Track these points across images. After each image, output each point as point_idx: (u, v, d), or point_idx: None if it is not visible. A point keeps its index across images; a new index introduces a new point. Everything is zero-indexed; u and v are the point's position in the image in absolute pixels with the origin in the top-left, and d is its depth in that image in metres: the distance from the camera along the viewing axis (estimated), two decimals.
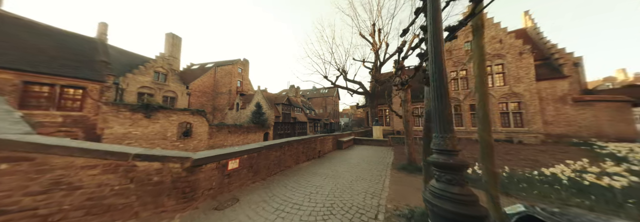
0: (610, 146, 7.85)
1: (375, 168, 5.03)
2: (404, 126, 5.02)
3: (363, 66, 16.90)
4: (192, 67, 26.18)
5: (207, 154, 3.12)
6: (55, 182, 2.11)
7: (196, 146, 11.47)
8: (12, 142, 1.99)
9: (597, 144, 9.06)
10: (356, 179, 4.05)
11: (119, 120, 8.62)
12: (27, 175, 2.01)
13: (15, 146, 1.99)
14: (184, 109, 11.01)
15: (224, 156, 3.31)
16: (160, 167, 2.63)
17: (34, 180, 2.03)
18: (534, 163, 5.43)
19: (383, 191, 3.32)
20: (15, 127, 2.40)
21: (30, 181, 2.01)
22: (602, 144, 8.90)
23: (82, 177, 2.23)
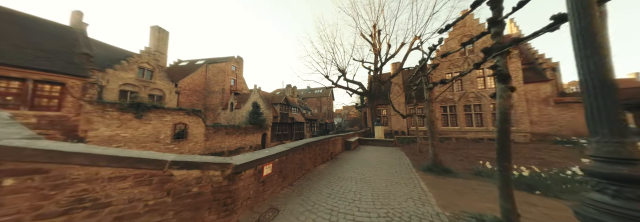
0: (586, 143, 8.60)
1: (399, 170, 4.93)
2: (428, 126, 4.99)
3: (362, 66, 17.00)
4: (180, 64, 24.51)
5: (245, 159, 2.76)
6: (77, 199, 1.66)
7: (192, 148, 10.64)
8: (19, 150, 1.53)
9: (580, 142, 9.97)
10: (390, 183, 3.87)
11: (105, 121, 7.65)
12: (41, 192, 1.55)
13: (24, 155, 1.53)
14: (178, 108, 10.14)
15: (260, 160, 2.97)
16: (199, 176, 2.24)
17: (50, 198, 1.57)
18: (543, 161, 5.70)
19: (427, 196, 3.16)
20: (9, 130, 1.88)
21: (45, 200, 1.56)
22: (583, 142, 9.82)
23: (109, 191, 1.79)
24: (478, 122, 15.20)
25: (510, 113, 2.35)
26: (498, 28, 2.38)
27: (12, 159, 1.48)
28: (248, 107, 18.59)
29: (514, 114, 13.89)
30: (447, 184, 3.79)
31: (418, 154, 7.69)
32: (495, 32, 2.41)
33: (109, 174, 1.81)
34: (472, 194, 3.16)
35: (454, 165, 5.21)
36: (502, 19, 2.37)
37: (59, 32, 8.50)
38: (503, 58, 2.30)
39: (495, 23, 2.39)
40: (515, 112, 13.85)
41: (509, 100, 2.33)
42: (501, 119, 2.31)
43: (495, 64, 2.34)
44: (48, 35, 7.92)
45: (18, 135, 1.79)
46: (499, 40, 2.36)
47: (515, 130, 13.72)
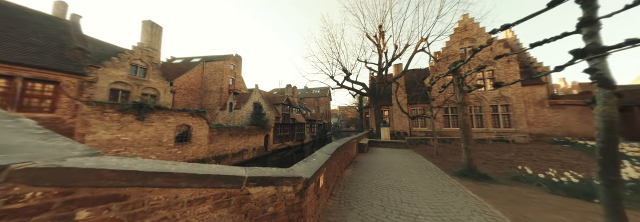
0: (589, 143, 9.24)
1: (433, 176, 4.84)
2: (462, 130, 4.95)
3: (365, 67, 17.01)
4: (174, 61, 23.25)
5: (308, 169, 2.50)
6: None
7: (195, 151, 10.03)
8: (94, 172, 1.21)
9: (578, 142, 10.58)
10: (436, 192, 3.69)
11: (104, 123, 6.95)
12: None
13: (101, 178, 1.21)
14: (182, 109, 9.51)
15: (319, 171, 2.72)
16: (274, 193, 1.96)
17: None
18: (562, 164, 5.87)
19: (488, 207, 3.00)
20: (58, 143, 1.53)
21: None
22: (582, 142, 10.44)
23: (190, 218, 1.49)
24: (478, 123, 15.72)
25: (615, 121, 2.21)
26: (592, 28, 2.25)
27: (86, 185, 1.16)
28: (248, 107, 17.98)
29: (513, 115, 14.53)
30: (494, 191, 3.71)
31: (435, 156, 7.72)
32: (588, 32, 2.28)
33: (188, 196, 1.50)
34: (532, 204, 3.08)
35: (483, 169, 5.23)
36: (598, 19, 2.22)
37: (49, 24, 7.65)
38: (602, 61, 2.18)
39: (588, 23, 2.26)
40: (514, 113, 14.48)
41: (613, 107, 2.19)
42: (606, 128, 2.21)
43: (593, 68, 2.22)
44: (37, 28, 7.08)
45: (73, 150, 1.44)
46: (595, 41, 2.24)
47: (513, 131, 14.36)
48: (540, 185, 3.83)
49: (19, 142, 1.38)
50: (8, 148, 1.21)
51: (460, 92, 5.05)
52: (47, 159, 1.17)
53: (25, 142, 1.40)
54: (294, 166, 2.70)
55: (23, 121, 1.94)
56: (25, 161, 1.09)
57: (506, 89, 14.83)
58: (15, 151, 1.22)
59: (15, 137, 1.47)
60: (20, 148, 1.27)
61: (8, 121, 1.87)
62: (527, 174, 4.28)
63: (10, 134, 1.54)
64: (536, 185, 3.89)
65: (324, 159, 3.43)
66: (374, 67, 16.81)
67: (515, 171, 4.62)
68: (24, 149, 1.28)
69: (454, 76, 5.29)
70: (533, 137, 14.21)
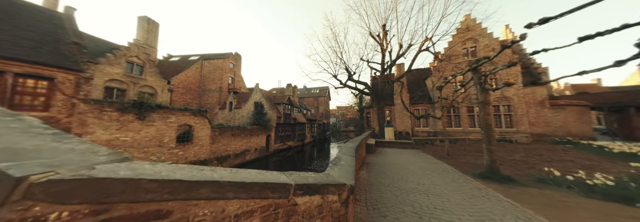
0: (594, 144, 9.31)
1: (454, 178, 4.68)
2: (485, 130, 4.81)
3: (367, 66, 16.88)
4: (171, 59, 22.61)
5: (345, 173, 2.28)
6: None
7: (197, 152, 9.66)
8: (132, 183, 0.96)
9: (581, 142, 10.70)
10: (466, 196, 3.49)
11: (103, 123, 6.54)
12: None
13: (140, 190, 0.96)
14: (184, 108, 9.13)
15: (354, 174, 2.51)
16: (320, 204, 1.73)
17: None
18: (577, 164, 5.82)
19: (526, 212, 2.80)
20: (76, 145, 1.26)
21: None
22: (584, 142, 10.56)
23: None
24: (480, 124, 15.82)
25: None
26: None
27: (123, 200, 0.91)
28: (249, 107, 17.60)
29: (515, 115, 14.66)
30: (524, 195, 3.56)
31: (446, 157, 7.61)
32: None
33: (235, 209, 1.26)
34: (572, 209, 2.93)
35: (501, 170, 5.11)
36: None
37: (42, 17, 7.18)
38: None
39: None
40: (516, 113, 14.61)
41: None
42: None
43: None
44: (30, 20, 6.61)
45: (97, 155, 1.17)
46: None
47: (515, 131, 14.48)
48: (570, 187, 3.72)
49: (30, 146, 1.11)
50: (19, 153, 0.94)
51: (482, 91, 4.92)
52: (72, 168, 0.91)
53: (36, 145, 1.13)
54: (327, 170, 2.47)
55: (26, 119, 1.65)
56: (46, 170, 0.83)
57: (508, 89, 14.96)
58: (29, 157, 0.95)
59: (23, 139, 1.20)
60: (34, 153, 1.01)
61: (9, 119, 1.58)
62: (554, 176, 4.17)
63: (17, 135, 1.26)
64: (565, 188, 3.77)
65: (351, 161, 3.21)
66: (376, 66, 16.72)
67: (539, 172, 4.51)
68: (39, 155, 1.01)
69: (475, 74, 5.17)
70: (534, 137, 14.36)
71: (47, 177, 0.79)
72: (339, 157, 3.36)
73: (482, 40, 16.28)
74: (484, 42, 16.25)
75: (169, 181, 1.03)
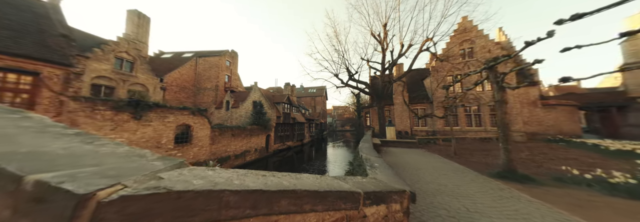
0: (588, 142, 9.77)
1: (472, 178, 4.64)
2: (502, 129, 4.82)
3: (367, 66, 16.88)
4: (163, 56, 21.57)
5: (397, 178, 2.10)
6: None
7: (196, 153, 9.19)
8: (212, 197, 0.74)
9: (574, 141, 11.21)
10: (493, 197, 3.39)
11: (95, 122, 6.00)
12: None
13: (220, 204, 0.75)
14: (182, 107, 8.64)
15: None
16: (386, 214, 1.54)
17: None
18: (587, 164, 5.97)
19: (561, 213, 2.74)
20: (103, 148, 1.01)
21: None
22: (577, 141, 11.07)
23: None
24: (477, 123, 16.24)
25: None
26: None
27: (206, 219, 0.70)
28: (247, 106, 17.11)
29: (510, 115, 15.15)
30: (549, 195, 3.52)
31: (454, 156, 7.65)
32: None
33: None
34: (603, 209, 2.91)
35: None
36: None
37: (24, 5, 6.49)
38: None
39: None
40: (511, 113, 15.10)
41: None
42: None
43: None
44: (9, 9, 5.95)
45: (148, 160, 0.92)
46: None
47: (511, 130, 14.98)
48: (590, 186, 3.76)
49: (61, 149, 0.85)
50: (56, 160, 0.70)
51: (499, 90, 4.92)
52: (136, 178, 0.69)
53: (68, 148, 0.87)
54: (370, 173, 2.27)
55: (35, 117, 1.35)
56: (112, 183, 0.61)
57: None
58: (74, 165, 0.70)
59: (47, 141, 0.92)
60: (73, 160, 0.75)
61: (15, 116, 1.28)
62: (572, 174, 4.21)
63: (35, 135, 0.98)
64: (585, 186, 3.81)
65: (383, 163, 3.05)
66: (377, 66, 16.74)
67: (551, 171, 4.56)
68: (81, 161, 0.76)
69: (491, 73, 5.16)
70: (528, 135, 14.93)
71: (116, 192, 0.56)
72: (367, 158, 3.19)
73: (478, 42, 16.70)
74: (481, 43, 16.69)
75: (250, 191, 0.81)
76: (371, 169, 2.42)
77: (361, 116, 27.34)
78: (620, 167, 5.17)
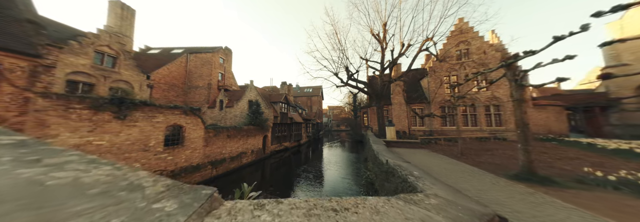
0: (583, 141, 10.11)
1: (492, 181, 4.40)
2: (521, 129, 4.64)
3: (366, 65, 16.66)
4: (149, 52, 20.15)
5: (464, 196, 1.72)
6: None
7: (189, 156, 8.46)
8: None
9: (566, 140, 11.59)
10: (529, 204, 3.07)
11: (69, 123, 5.19)
12: None
13: None
14: (173, 106, 7.88)
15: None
16: None
17: None
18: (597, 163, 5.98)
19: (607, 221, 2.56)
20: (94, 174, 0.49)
21: None
22: (570, 140, 11.46)
23: None
24: (473, 123, 16.52)
25: None
26: None
27: None
28: (242, 105, 16.34)
29: (504, 114, 15.55)
30: (582, 199, 3.32)
31: (461, 157, 7.52)
32: None
33: None
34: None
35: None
36: None
37: None
38: None
39: None
40: (505, 113, 15.48)
41: None
42: None
43: None
44: None
45: (153, 196, 0.44)
46: None
47: (503, 129, 15.36)
48: (617, 188, 3.63)
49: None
50: None
51: (518, 88, 4.74)
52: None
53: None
54: (428, 189, 1.87)
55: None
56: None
57: (498, 90, 15.80)
58: None
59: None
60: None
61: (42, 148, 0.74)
62: (596, 176, 4.09)
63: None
64: (612, 189, 3.68)
65: (420, 170, 2.68)
66: (376, 65, 16.54)
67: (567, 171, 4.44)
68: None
69: (509, 71, 4.98)
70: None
71: None
72: (398, 164, 2.81)
73: (474, 43, 16.99)
74: (476, 44, 16.98)
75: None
76: (416, 180, 2.04)
77: (358, 115, 27.22)
78: (632, 167, 5.19)
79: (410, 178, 2.04)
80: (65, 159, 0.59)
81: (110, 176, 0.54)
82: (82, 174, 0.52)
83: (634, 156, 6.34)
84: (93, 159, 0.63)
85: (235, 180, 10.07)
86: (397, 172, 2.38)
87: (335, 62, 15.92)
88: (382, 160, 3.33)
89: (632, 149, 6.96)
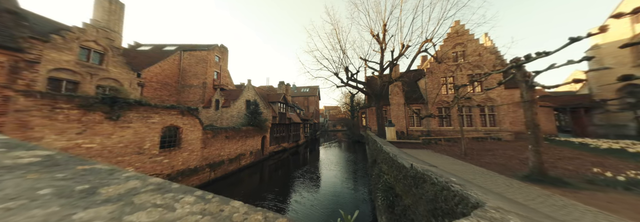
0: (575, 141, 10.57)
1: (503, 182, 4.41)
2: (532, 130, 4.68)
3: (366, 65, 16.66)
4: (140, 48, 19.16)
5: (530, 209, 1.59)
6: None
7: (186, 159, 8.02)
8: None
9: (557, 139, 12.10)
10: (552, 207, 3.07)
11: (56, 124, 4.71)
12: None
13: None
14: (170, 106, 7.43)
15: None
16: None
17: None
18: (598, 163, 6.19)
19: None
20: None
21: None
22: (561, 139, 11.96)
23: None
24: (469, 123, 16.92)
25: None
26: None
27: None
28: (240, 105, 15.86)
29: (498, 115, 16.03)
30: (600, 200, 3.34)
31: (465, 157, 7.58)
32: None
33: None
34: None
35: (526, 170, 5.07)
36: None
37: None
38: None
39: None
40: (498, 113, 15.98)
41: None
42: None
43: None
44: None
45: None
46: None
47: (498, 130, 15.84)
48: (629, 189, 3.71)
49: None
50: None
51: (528, 89, 4.78)
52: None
53: None
54: (491, 203, 1.71)
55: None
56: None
57: (492, 91, 16.28)
58: None
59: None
60: None
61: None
62: (606, 177, 4.18)
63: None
64: (623, 189, 3.76)
65: (455, 176, 2.56)
66: (375, 66, 16.58)
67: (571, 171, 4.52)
68: None
69: (519, 72, 5.02)
70: (514, 135, 15.95)
71: None
72: (427, 170, 2.68)
73: (470, 45, 17.42)
74: (472, 46, 17.42)
75: None
76: (464, 189, 1.89)
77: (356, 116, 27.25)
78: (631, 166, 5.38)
79: (454, 186, 1.90)
80: (125, 186, 0.38)
81: (206, 214, 0.34)
82: (169, 214, 0.32)
83: (628, 155, 6.63)
84: (159, 185, 0.43)
85: (234, 183, 9.68)
86: (431, 178, 2.23)
87: (335, 62, 15.82)
88: (403, 163, 3.19)
89: (624, 148, 7.29)
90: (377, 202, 3.89)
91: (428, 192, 2.20)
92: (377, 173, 4.72)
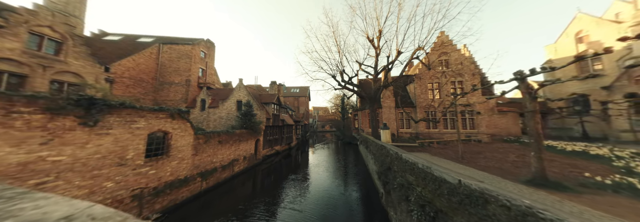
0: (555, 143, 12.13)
1: (512, 186, 4.74)
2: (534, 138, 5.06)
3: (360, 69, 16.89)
4: (106, 38, 16.55)
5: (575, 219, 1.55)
6: None
7: (176, 169, 7.05)
8: None
9: (523, 141, 13.76)
10: (566, 214, 3.48)
11: (11, 133, 3.63)
12: None
13: None
14: (158, 108, 6.44)
15: None
16: None
17: None
18: (570, 165, 7.04)
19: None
20: None
21: None
22: (526, 141, 13.64)
23: None
24: (452, 126, 18.29)
25: None
26: None
27: None
28: (229, 106, 14.75)
29: (476, 119, 17.64)
30: (599, 204, 3.71)
31: (463, 160, 8.04)
32: None
33: None
34: None
35: (518, 173, 5.56)
36: None
37: None
38: None
39: None
40: (477, 117, 17.60)
41: None
42: None
43: None
44: None
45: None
46: None
47: (476, 132, 17.43)
48: (617, 192, 4.22)
49: None
50: None
51: (531, 100, 5.19)
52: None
53: None
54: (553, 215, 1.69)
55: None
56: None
57: (471, 97, 17.88)
58: None
59: None
60: None
61: None
62: (595, 180, 4.72)
63: None
64: (612, 192, 4.27)
65: (482, 182, 2.54)
66: (370, 70, 16.91)
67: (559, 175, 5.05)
68: None
69: (522, 84, 5.43)
70: (490, 137, 17.70)
71: None
72: (486, 188, 2.63)
73: (453, 55, 18.91)
74: (454, 56, 18.93)
75: None
76: (556, 215, 1.83)
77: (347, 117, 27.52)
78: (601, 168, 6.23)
79: (543, 213, 1.84)
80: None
81: None
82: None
83: (590, 157, 7.73)
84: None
85: (227, 192, 8.85)
86: (498, 199, 2.16)
87: (332, 64, 15.71)
88: (443, 178, 3.12)
89: (585, 151, 8.50)
90: (412, 216, 3.80)
91: (499, 214, 2.13)
92: (401, 183, 4.65)
